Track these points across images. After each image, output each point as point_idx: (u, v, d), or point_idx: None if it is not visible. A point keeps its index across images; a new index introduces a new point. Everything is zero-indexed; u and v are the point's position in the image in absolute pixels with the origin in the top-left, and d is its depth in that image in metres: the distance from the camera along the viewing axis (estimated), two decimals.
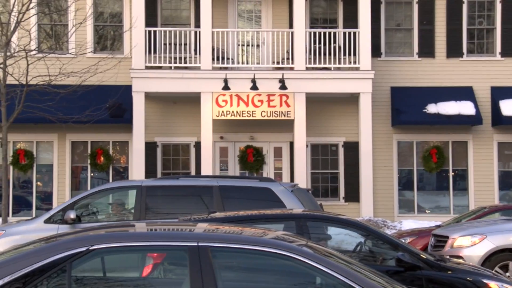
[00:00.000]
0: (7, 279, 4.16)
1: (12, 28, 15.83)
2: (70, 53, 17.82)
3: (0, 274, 4.18)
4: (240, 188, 11.11)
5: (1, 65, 15.35)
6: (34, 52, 16.34)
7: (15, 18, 15.72)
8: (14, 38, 16.44)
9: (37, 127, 18.75)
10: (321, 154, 20.02)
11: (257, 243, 4.46)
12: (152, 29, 18.40)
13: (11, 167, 18.43)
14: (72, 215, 10.37)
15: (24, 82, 15.54)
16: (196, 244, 4.33)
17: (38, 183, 19.49)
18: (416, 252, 7.64)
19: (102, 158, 19.41)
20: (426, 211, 20.01)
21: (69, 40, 18.14)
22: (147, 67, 18.34)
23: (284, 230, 7.29)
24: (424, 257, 7.54)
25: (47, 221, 10.67)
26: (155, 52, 18.34)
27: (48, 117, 16.56)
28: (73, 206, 10.71)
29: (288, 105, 18.52)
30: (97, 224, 10.29)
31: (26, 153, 19.14)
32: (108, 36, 20.26)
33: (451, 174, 20.04)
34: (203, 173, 17.80)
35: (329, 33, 18.87)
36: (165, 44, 18.50)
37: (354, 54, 18.81)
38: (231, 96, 18.37)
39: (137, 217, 10.55)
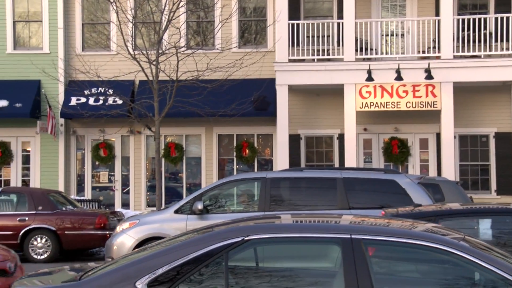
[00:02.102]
0: (165, 268, 4.33)
1: (163, 27, 16.55)
2: (217, 49, 18.35)
3: (157, 263, 4.36)
4: (364, 180, 10.94)
5: (154, 62, 16.10)
6: (183, 49, 16.96)
7: (166, 17, 16.42)
8: (165, 36, 17.18)
9: (186, 121, 19.48)
10: (470, 146, 19.24)
11: (412, 236, 4.38)
12: (295, 22, 18.50)
13: (163, 160, 19.28)
14: (199, 206, 10.70)
15: (174, 78, 16.19)
16: (349, 236, 4.31)
17: (188, 174, 20.25)
18: None
19: (247, 151, 19.83)
20: None
21: (215, 36, 18.67)
22: (290, 60, 18.46)
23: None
24: None
25: (176, 212, 11.08)
26: (298, 45, 18.42)
27: (196, 111, 17.16)
28: (201, 197, 11.02)
29: (434, 95, 17.94)
30: (230, 215, 10.48)
31: (176, 146, 19.95)
32: (252, 30, 20.62)
33: None
34: (346, 165, 17.67)
35: (479, 19, 18.03)
36: (307, 36, 18.53)
37: (507, 40, 17.86)
38: (374, 87, 18.08)
39: (261, 208, 10.70)
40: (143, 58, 16.26)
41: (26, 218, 14.29)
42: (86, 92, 18.51)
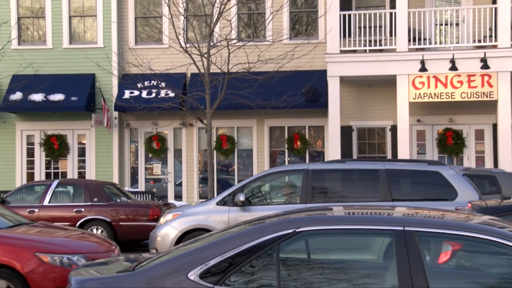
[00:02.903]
0: (217, 259, 4.35)
1: (215, 19, 16.62)
2: (267, 41, 18.34)
3: (209, 255, 4.38)
4: (407, 171, 10.77)
5: (205, 55, 16.19)
6: (234, 41, 17.00)
7: (218, 10, 16.48)
8: (216, 29, 17.26)
9: (238, 113, 19.55)
10: None
11: (466, 228, 4.29)
12: (346, 12, 18.32)
13: (214, 152, 19.41)
14: (241, 197, 10.74)
15: (225, 70, 16.25)
16: (402, 228, 4.26)
17: (239, 167, 20.33)
18: None
19: (298, 143, 19.79)
20: None
21: (266, 28, 18.65)
22: (341, 51, 18.30)
23: None
24: None
25: (219, 203, 11.12)
26: (349, 35, 18.25)
27: (247, 103, 17.19)
28: (243, 189, 11.03)
29: (490, 85, 17.53)
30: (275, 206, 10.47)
31: (228, 139, 20.05)
32: (303, 21, 20.52)
33: None
34: (399, 157, 17.45)
35: None
36: (359, 27, 18.34)
37: None
38: (428, 77, 17.78)
39: (303, 200, 10.65)
40: (195, 51, 16.37)
41: (82, 209, 14.59)
42: (139, 85, 18.75)
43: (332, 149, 18.08)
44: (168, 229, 11.20)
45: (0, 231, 8.12)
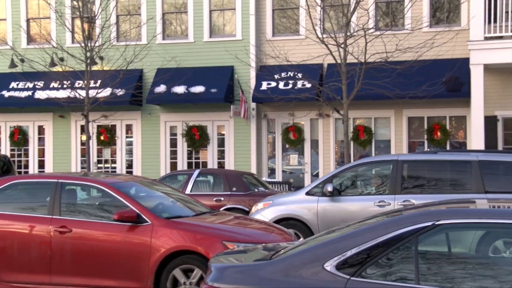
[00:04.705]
0: (354, 250, 4.32)
1: (352, 9, 16.46)
2: (406, 29, 17.90)
3: (346, 246, 4.35)
4: (502, 163, 10.26)
5: (342, 45, 16.08)
6: (371, 30, 16.75)
7: None
8: (353, 18, 17.08)
9: (375, 103, 19.26)
10: None
11: None
12: None
13: (351, 143, 19.26)
14: (329, 188, 10.75)
15: (362, 60, 16.05)
16: None
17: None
18: None
19: (438, 133, 19.19)
20: None
21: (405, 16, 18.21)
22: (486, 38, 17.47)
23: None
24: None
25: (308, 193, 11.18)
26: (494, 21, 17.37)
27: (385, 93, 16.90)
28: (332, 179, 11.00)
29: None
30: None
31: (365, 129, 19.81)
32: (445, 8, 19.81)
33: None
34: None
35: None
36: (506, 12, 17.41)
37: None
38: None
39: (392, 191, 10.51)
40: (331, 41, 16.30)
41: (222, 199, 15.00)
42: (276, 76, 18.96)
43: (475, 140, 17.34)
44: (259, 218, 11.34)
45: (187, 219, 8.48)
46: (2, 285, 8.51)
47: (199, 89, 20.09)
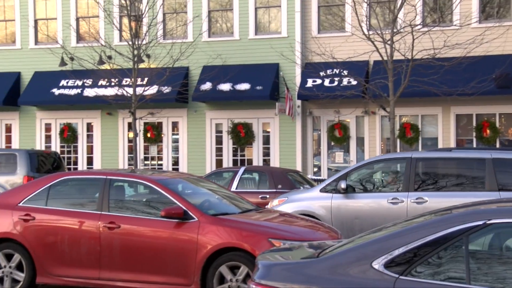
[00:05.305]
0: (401, 249, 4.28)
1: (398, 5, 16.28)
2: (455, 25, 17.63)
3: (394, 244, 4.32)
4: None
5: (388, 42, 15.92)
6: (419, 27, 16.54)
7: None
8: (400, 15, 16.89)
9: (422, 100, 19.02)
10: None
11: None
12: None
13: (398, 140, 19.07)
14: (343, 185, 10.80)
15: (409, 57, 15.87)
16: None
17: None
18: None
19: (488, 131, 18.85)
20: None
21: (453, 12, 17.92)
22: None
23: None
24: None
25: (322, 190, 11.21)
26: None
27: (433, 90, 16.67)
28: (346, 177, 11.01)
29: None
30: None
31: (412, 127, 19.59)
32: (495, 3, 19.43)
33: None
34: None
35: None
36: None
37: None
38: None
39: (405, 188, 10.47)
40: (378, 38, 16.15)
41: (267, 196, 15.02)
42: (321, 73, 18.89)
43: None
44: None
45: (234, 216, 8.54)
46: (53, 279, 8.70)
47: (244, 86, 20.15)
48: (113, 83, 19.86)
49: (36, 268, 8.72)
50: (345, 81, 19.14)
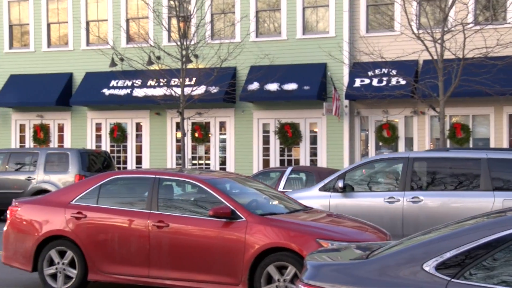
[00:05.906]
0: (453, 252, 4.21)
1: (449, 3, 16.02)
2: (508, 23, 17.26)
3: (445, 247, 4.25)
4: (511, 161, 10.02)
5: (439, 41, 15.68)
6: (470, 25, 16.25)
7: None
8: (451, 13, 16.62)
9: (473, 100, 18.69)
10: None
11: None
12: None
13: (448, 141, 18.78)
14: (340, 184, 10.88)
15: (460, 56, 15.60)
16: None
17: None
18: None
19: None
20: None
21: (507, 10, 17.55)
22: None
23: None
24: None
25: (321, 189, 11.25)
26: None
27: (484, 90, 16.36)
28: (344, 176, 11.05)
29: None
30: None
31: (462, 127, 19.25)
32: None
33: None
34: None
35: None
36: None
37: None
38: None
39: (402, 188, 10.52)
40: (427, 37, 15.93)
41: None
42: (369, 73, 18.73)
43: None
44: None
45: (281, 216, 8.54)
46: (104, 276, 8.83)
47: (291, 86, 20.13)
48: (161, 84, 20.09)
49: (88, 265, 8.86)
50: (393, 81, 18.94)
